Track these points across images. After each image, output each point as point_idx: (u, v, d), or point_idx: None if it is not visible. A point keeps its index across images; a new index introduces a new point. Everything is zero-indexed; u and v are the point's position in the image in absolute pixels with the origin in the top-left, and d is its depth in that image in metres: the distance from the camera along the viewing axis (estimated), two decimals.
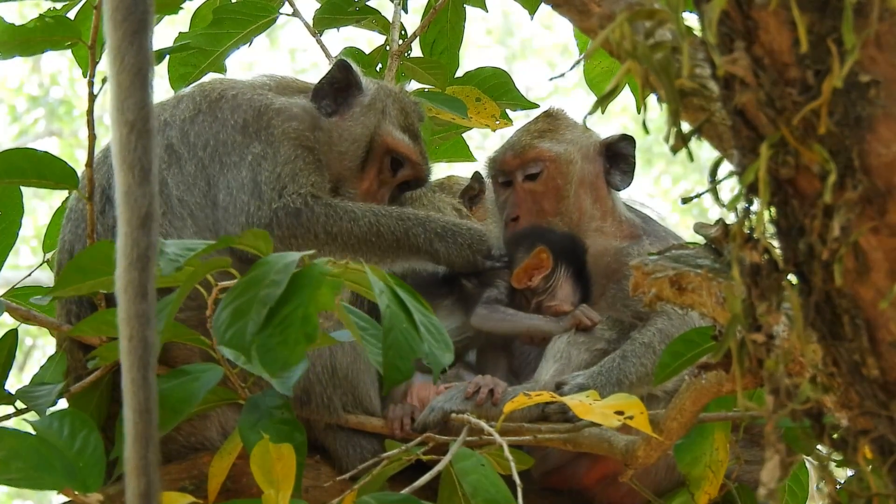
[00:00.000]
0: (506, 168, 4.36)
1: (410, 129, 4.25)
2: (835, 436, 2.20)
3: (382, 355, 2.69)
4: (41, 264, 4.32)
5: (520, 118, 4.81)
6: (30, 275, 4.30)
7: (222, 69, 4.67)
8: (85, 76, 3.82)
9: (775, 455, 2.11)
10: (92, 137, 3.77)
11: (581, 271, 4.15)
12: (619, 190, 4.35)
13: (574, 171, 4.29)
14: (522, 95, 4.96)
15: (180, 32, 4.51)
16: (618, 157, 4.35)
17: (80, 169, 3.77)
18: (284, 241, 3.80)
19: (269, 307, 2.67)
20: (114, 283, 2.54)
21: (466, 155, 5.15)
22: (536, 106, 4.93)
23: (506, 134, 4.67)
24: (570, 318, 3.99)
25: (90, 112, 3.78)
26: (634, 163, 4.35)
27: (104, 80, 3.73)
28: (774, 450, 2.11)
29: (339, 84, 4.15)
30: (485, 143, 12.28)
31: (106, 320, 3.03)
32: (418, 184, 4.29)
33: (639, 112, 4.82)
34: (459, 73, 4.95)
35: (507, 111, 4.93)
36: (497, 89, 4.91)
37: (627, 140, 4.36)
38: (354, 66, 4.21)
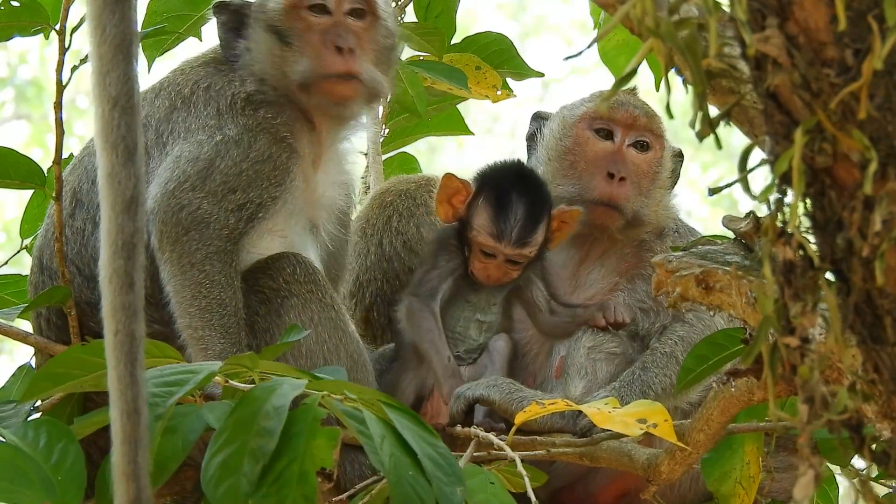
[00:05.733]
0: (626, 121, 4.18)
1: None
2: (875, 448, 2.17)
3: None
4: (18, 252, 4.29)
5: (523, 88, 4.71)
6: (5, 263, 4.31)
7: (199, 35, 4.49)
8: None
9: (809, 470, 2.07)
10: (60, 132, 3.70)
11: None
12: None
13: (665, 162, 4.25)
14: (526, 63, 4.80)
15: (150, 1, 4.36)
16: None
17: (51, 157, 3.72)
18: (172, 242, 3.67)
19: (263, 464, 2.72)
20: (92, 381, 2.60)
21: (461, 128, 5.02)
22: (542, 75, 4.83)
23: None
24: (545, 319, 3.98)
25: (58, 104, 3.71)
26: (677, 179, 4.32)
27: (74, 69, 3.68)
28: (809, 464, 2.07)
29: (232, 23, 3.94)
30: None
31: (76, 357, 2.96)
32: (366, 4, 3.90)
33: (657, 91, 4.81)
34: (457, 39, 4.80)
35: (509, 81, 4.79)
36: (498, 56, 4.75)
37: (679, 156, 4.32)
38: None
